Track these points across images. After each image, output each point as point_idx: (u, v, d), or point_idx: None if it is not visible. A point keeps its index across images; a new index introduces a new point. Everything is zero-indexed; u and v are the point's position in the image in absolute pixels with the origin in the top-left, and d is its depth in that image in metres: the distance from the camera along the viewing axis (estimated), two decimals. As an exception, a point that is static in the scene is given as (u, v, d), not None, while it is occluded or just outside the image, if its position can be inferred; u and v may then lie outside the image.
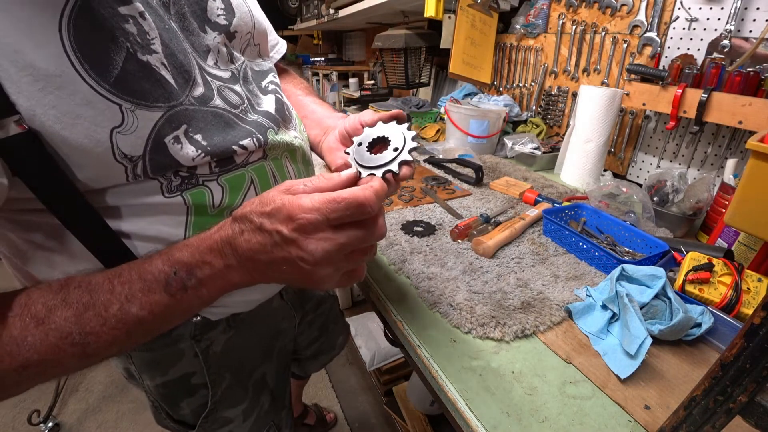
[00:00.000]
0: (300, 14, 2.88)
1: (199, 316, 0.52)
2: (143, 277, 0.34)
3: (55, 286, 0.34)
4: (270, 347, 0.68)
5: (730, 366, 0.30)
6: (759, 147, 0.53)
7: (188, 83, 0.40)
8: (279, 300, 0.68)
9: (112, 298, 0.33)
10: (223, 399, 0.60)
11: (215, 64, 0.45)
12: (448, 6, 1.41)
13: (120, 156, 0.35)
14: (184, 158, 0.39)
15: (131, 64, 0.34)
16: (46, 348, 0.32)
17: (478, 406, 0.45)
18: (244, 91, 0.47)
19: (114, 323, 0.33)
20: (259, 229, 0.32)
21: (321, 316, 0.90)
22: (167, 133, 0.38)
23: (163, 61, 0.37)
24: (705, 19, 0.90)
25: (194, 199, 0.42)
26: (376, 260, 0.72)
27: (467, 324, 0.55)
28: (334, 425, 1.55)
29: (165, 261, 0.35)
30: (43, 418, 1.47)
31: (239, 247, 0.33)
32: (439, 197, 0.97)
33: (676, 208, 0.83)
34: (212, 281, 0.35)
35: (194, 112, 0.40)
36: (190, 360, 0.55)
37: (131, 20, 0.35)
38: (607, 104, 0.98)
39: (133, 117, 0.35)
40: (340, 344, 1.06)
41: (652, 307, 0.54)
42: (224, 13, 0.46)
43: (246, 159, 0.45)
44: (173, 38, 0.39)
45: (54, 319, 0.32)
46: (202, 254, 0.34)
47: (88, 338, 0.33)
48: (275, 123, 0.49)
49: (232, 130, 0.43)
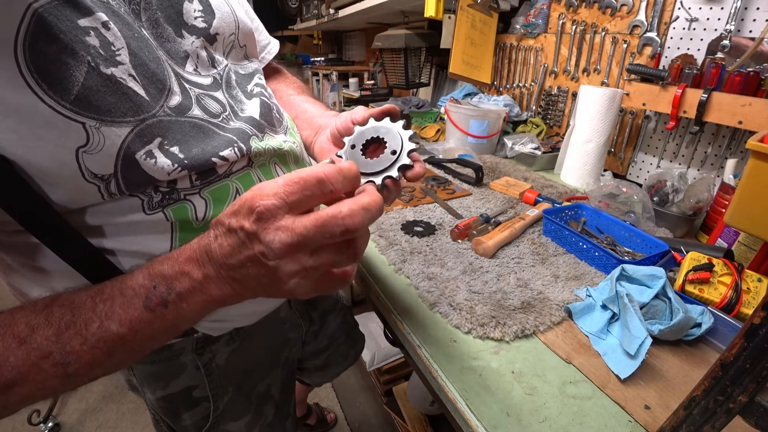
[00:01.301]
0: (300, 14, 2.88)
1: (200, 333, 0.50)
2: (123, 293, 0.33)
3: (40, 305, 0.33)
4: (276, 358, 0.66)
5: (730, 366, 0.30)
6: (759, 147, 0.53)
7: (162, 93, 0.38)
8: (287, 309, 0.66)
9: (93, 315, 0.32)
10: (225, 412, 0.58)
11: (195, 70, 0.43)
12: (448, 6, 1.41)
13: (89, 176, 0.34)
14: (158, 173, 0.37)
15: (93, 79, 0.32)
16: (28, 368, 0.31)
17: (478, 406, 0.45)
18: (226, 97, 0.45)
19: (94, 342, 0.32)
20: (228, 230, 0.31)
21: (329, 326, 0.86)
22: (138, 149, 0.36)
23: (131, 72, 0.35)
24: (705, 19, 0.90)
25: (176, 215, 0.40)
26: (376, 260, 0.72)
27: (467, 324, 0.55)
28: (334, 425, 1.55)
29: (146, 275, 0.33)
30: (43, 418, 1.47)
31: (213, 253, 0.31)
32: (439, 197, 0.97)
33: (676, 208, 0.83)
34: (191, 295, 0.33)
35: (170, 123, 0.38)
36: (191, 373, 0.53)
37: (92, 32, 0.33)
38: (607, 104, 0.98)
39: (99, 135, 0.33)
40: (353, 356, 1.01)
41: (652, 307, 0.54)
42: (202, 15, 0.44)
43: (229, 169, 0.43)
44: (143, 46, 0.37)
45: (36, 339, 0.31)
46: (180, 265, 0.33)
47: (68, 357, 0.31)
48: (259, 129, 0.47)
49: (212, 141, 0.41)
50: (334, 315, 0.88)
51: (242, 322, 0.54)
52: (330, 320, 0.86)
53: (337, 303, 0.90)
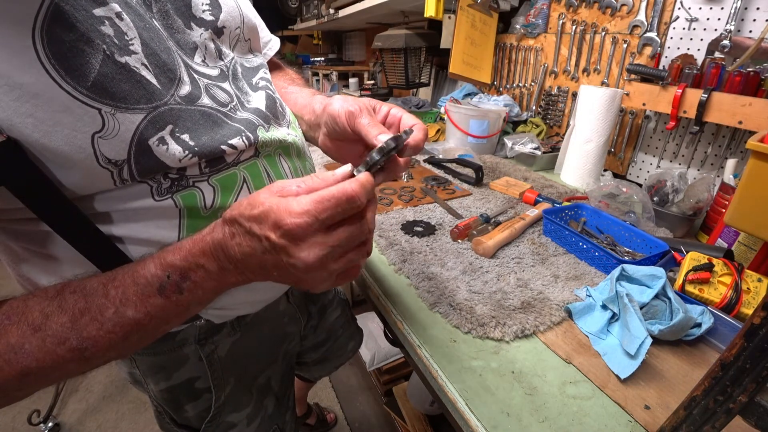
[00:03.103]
0: (300, 14, 2.88)
1: (203, 319, 0.51)
2: (137, 281, 0.34)
3: (51, 292, 0.34)
4: (275, 351, 0.67)
5: (730, 366, 0.30)
6: (759, 147, 0.53)
7: (173, 82, 0.39)
8: (285, 303, 0.67)
9: (107, 302, 0.33)
10: (226, 403, 0.59)
11: (203, 61, 0.44)
12: (448, 6, 1.41)
13: (104, 161, 0.35)
14: (170, 159, 0.38)
15: (109, 67, 0.34)
16: (44, 354, 0.32)
17: (478, 406, 0.45)
18: (233, 88, 0.46)
19: (110, 327, 0.33)
20: (249, 233, 0.32)
21: (327, 320, 0.87)
22: (151, 135, 0.37)
23: (144, 61, 0.36)
24: (705, 19, 0.90)
25: (185, 202, 0.41)
26: (376, 260, 0.72)
27: (467, 324, 0.55)
28: (334, 425, 1.55)
29: (158, 265, 0.35)
30: (43, 418, 1.47)
31: (231, 250, 0.33)
32: (439, 197, 0.97)
33: (676, 208, 0.83)
34: (207, 282, 0.35)
35: (180, 111, 0.39)
36: (194, 364, 0.54)
37: (107, 22, 0.34)
38: (607, 104, 0.98)
39: (114, 121, 0.34)
40: (351, 350, 1.02)
41: (652, 307, 0.54)
42: (210, 8, 0.45)
43: (237, 158, 0.44)
44: (155, 37, 0.38)
45: (50, 326, 0.32)
46: (195, 257, 0.34)
47: (85, 343, 0.33)
48: (266, 120, 0.48)
49: (221, 129, 0.42)
50: (333, 309, 0.89)
51: (245, 309, 0.55)
52: (328, 314, 0.87)
53: (335, 297, 0.90)
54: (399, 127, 0.46)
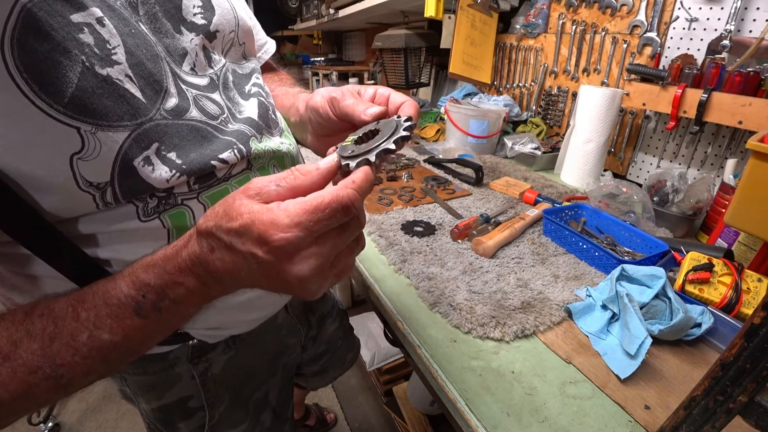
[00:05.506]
0: (300, 14, 2.88)
1: (196, 339, 0.49)
2: (108, 302, 0.31)
3: (19, 316, 0.30)
4: (274, 365, 0.65)
5: (730, 366, 0.30)
6: (759, 147, 0.53)
7: (159, 95, 0.36)
8: (284, 314, 0.65)
9: (79, 326, 0.30)
10: (221, 421, 0.57)
11: (191, 69, 0.40)
12: (448, 6, 1.41)
13: (84, 184, 0.32)
14: (157, 181, 0.35)
15: (88, 80, 0.30)
16: (16, 385, 0.29)
17: (478, 406, 0.45)
18: (223, 99, 0.43)
19: (86, 352, 0.30)
20: (229, 248, 0.28)
21: (327, 331, 0.86)
22: (136, 155, 0.34)
23: (128, 72, 0.33)
24: (705, 19, 0.90)
25: (174, 221, 0.38)
26: (376, 260, 0.72)
27: (467, 324, 0.55)
28: (334, 425, 1.55)
29: (130, 284, 0.31)
30: (43, 418, 1.47)
31: (212, 266, 0.29)
32: (439, 197, 0.97)
33: (676, 208, 0.83)
34: (189, 298, 0.31)
35: (167, 126, 0.36)
36: (186, 383, 0.52)
37: (86, 29, 0.30)
38: (607, 104, 0.98)
39: (95, 140, 0.31)
40: (350, 360, 1.01)
41: (652, 307, 0.54)
42: (202, 11, 0.42)
43: (228, 172, 0.42)
44: (141, 44, 0.35)
45: (20, 354, 0.29)
46: (171, 275, 0.30)
47: (60, 370, 0.30)
48: (258, 130, 0.45)
49: (210, 144, 0.39)
50: (332, 319, 0.87)
51: (239, 329, 0.53)
52: (327, 324, 0.86)
53: (334, 307, 0.89)
54: (388, 106, 0.40)
